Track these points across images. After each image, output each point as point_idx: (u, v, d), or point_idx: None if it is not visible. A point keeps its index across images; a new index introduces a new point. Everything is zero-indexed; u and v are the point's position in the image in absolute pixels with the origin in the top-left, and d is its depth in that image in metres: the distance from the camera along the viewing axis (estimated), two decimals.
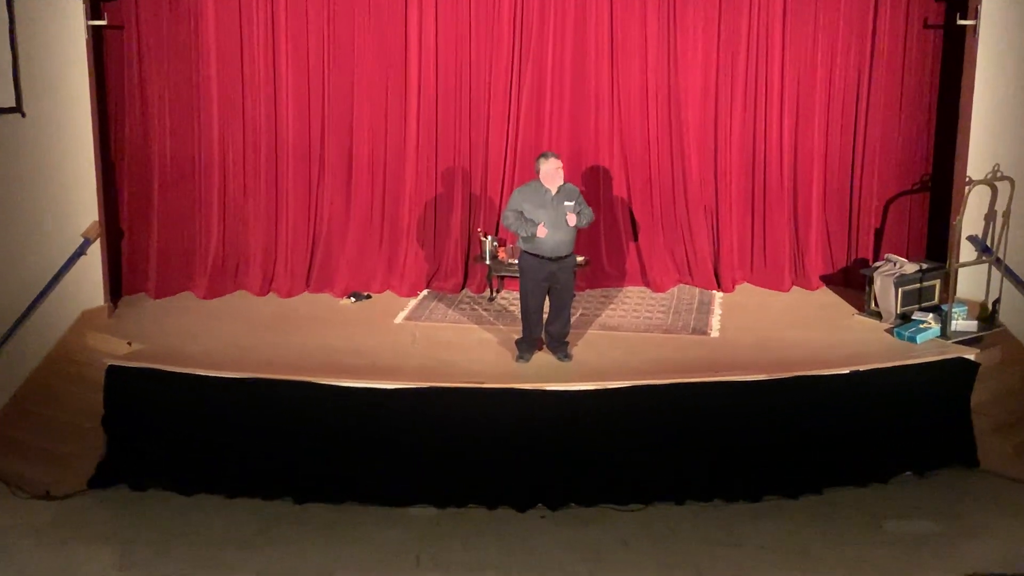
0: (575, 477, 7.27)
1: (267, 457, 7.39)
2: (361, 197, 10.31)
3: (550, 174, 8.19)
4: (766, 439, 7.38)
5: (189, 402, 7.51)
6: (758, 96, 10.12)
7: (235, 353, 8.62)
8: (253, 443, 7.40)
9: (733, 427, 7.36)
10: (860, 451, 7.48)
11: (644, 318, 9.52)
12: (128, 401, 7.59)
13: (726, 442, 7.35)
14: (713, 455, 7.34)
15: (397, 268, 10.36)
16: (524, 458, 7.28)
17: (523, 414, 7.36)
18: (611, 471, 7.29)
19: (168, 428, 7.50)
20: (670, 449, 7.34)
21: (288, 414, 7.40)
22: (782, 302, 9.93)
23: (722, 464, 7.34)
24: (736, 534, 6.88)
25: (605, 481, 7.26)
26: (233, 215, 10.26)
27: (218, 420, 7.46)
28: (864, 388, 7.56)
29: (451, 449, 7.31)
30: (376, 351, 8.72)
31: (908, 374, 7.73)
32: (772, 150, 10.16)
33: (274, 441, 7.40)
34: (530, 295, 8.34)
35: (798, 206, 10.26)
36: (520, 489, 7.23)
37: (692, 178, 10.25)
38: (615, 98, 10.19)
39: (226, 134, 10.13)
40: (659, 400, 7.38)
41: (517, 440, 7.31)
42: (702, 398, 7.39)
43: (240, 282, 10.31)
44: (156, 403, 7.56)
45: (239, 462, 7.40)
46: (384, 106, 10.19)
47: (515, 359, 8.53)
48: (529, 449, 7.30)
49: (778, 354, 8.47)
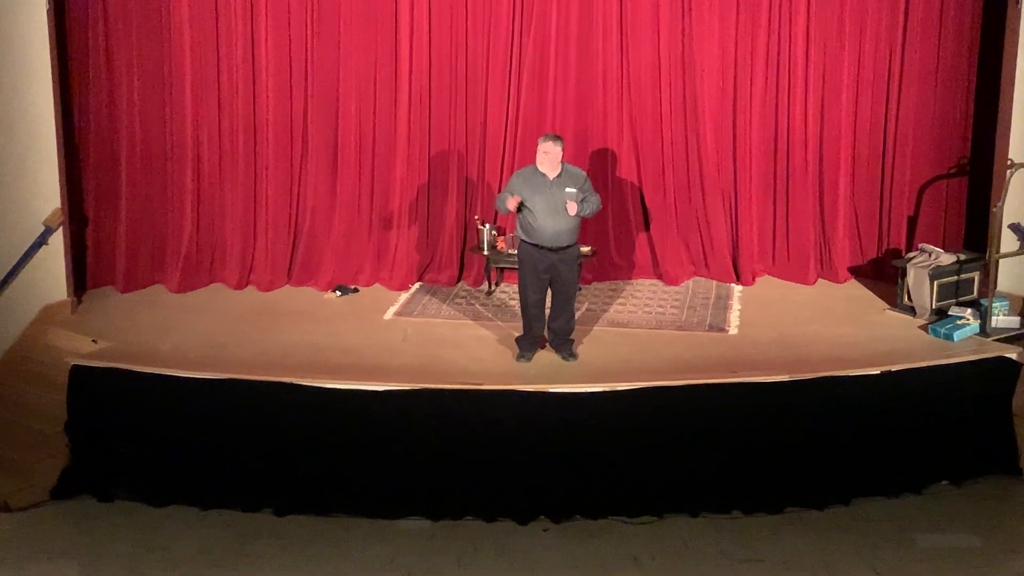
0: (581, 487, 7.28)
1: (245, 466, 7.39)
2: (348, 182, 10.30)
3: (540, 158, 8.20)
4: (789, 445, 7.38)
5: (160, 405, 7.51)
6: (780, 72, 10.10)
7: (210, 352, 8.61)
8: (230, 450, 7.40)
9: (753, 432, 7.36)
10: (891, 458, 7.47)
11: (656, 313, 9.51)
12: (93, 404, 7.59)
13: (745, 449, 7.35)
14: (731, 463, 7.34)
15: (387, 259, 10.35)
16: (525, 466, 7.28)
17: (524, 418, 7.36)
18: (620, 480, 7.29)
19: (137, 433, 7.50)
20: (684, 456, 7.33)
21: (268, 418, 7.40)
22: (806, 296, 9.93)
23: (741, 472, 7.34)
24: (756, 549, 6.88)
25: (613, 491, 7.27)
26: (208, 202, 10.26)
27: (192, 425, 7.45)
28: (896, 390, 7.56)
29: (446, 456, 7.31)
30: (364, 349, 8.71)
31: (944, 375, 7.72)
32: (796, 131, 10.15)
33: (252, 448, 7.39)
34: (529, 288, 8.34)
35: (824, 192, 10.25)
36: (521, 500, 7.23)
37: (708, 161, 10.23)
38: (624, 74, 10.17)
39: (200, 113, 10.11)
40: (672, 403, 7.39)
41: (518, 446, 7.31)
42: (719, 400, 7.39)
43: (216, 274, 10.31)
44: (124, 406, 7.55)
45: (215, 471, 7.39)
46: (373, 83, 10.17)
47: (515, 358, 8.53)
48: (531, 456, 7.30)
49: (802, 353, 8.47)
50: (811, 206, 10.24)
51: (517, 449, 7.31)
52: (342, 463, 7.35)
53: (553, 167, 8.21)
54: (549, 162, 8.20)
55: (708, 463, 7.34)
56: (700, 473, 7.32)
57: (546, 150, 8.19)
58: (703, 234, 10.38)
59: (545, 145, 8.20)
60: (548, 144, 8.21)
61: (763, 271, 10.40)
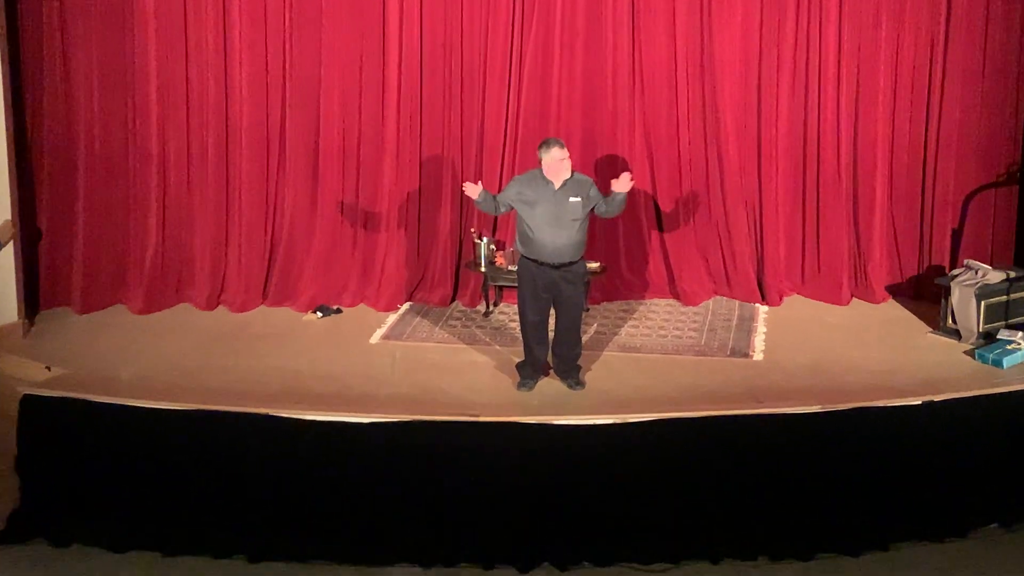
0: (588, 530, 7.26)
1: (215, 507, 7.37)
2: (330, 191, 10.33)
3: (553, 166, 8.22)
4: (820, 484, 7.36)
5: (121, 439, 7.49)
6: (810, 69, 10.15)
7: (177, 380, 8.63)
8: (198, 490, 7.38)
9: (780, 469, 7.34)
10: (934, 499, 7.45)
11: (672, 337, 9.53)
12: (47, 438, 7.56)
13: (772, 488, 7.33)
14: (756, 503, 7.32)
15: (373, 277, 10.37)
16: (527, 507, 7.27)
17: (525, 453, 7.34)
18: (632, 523, 7.27)
19: (95, 471, 7.48)
20: (704, 496, 7.32)
21: (240, 454, 7.38)
22: (839, 318, 9.95)
23: (767, 514, 7.32)
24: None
25: (625, 535, 7.24)
26: (175, 214, 10.28)
27: (156, 461, 7.43)
28: (939, 422, 7.54)
29: (438, 496, 7.29)
30: (348, 377, 8.72)
31: (992, 405, 7.69)
32: (827, 134, 10.18)
33: (223, 487, 7.38)
34: (530, 309, 8.37)
35: (858, 202, 10.28)
36: (522, 545, 7.21)
37: (730, 168, 10.27)
38: (636, 71, 10.22)
39: (167, 116, 10.15)
40: (690, 437, 7.36)
41: (518, 485, 7.30)
42: (743, 434, 7.37)
43: (183, 294, 10.33)
44: (81, 440, 7.53)
45: (181, 513, 7.38)
46: (358, 82, 10.22)
47: (516, 387, 8.56)
48: (533, 496, 7.28)
49: (835, 381, 8.49)
50: (844, 218, 10.26)
51: (518, 488, 7.29)
52: (323, 504, 7.33)
53: (562, 176, 8.24)
54: (564, 170, 8.23)
55: (730, 504, 7.31)
56: (721, 515, 7.30)
57: (563, 158, 8.21)
58: (724, 249, 10.39)
59: (560, 152, 8.19)
60: (563, 152, 8.21)
61: (791, 290, 10.42)
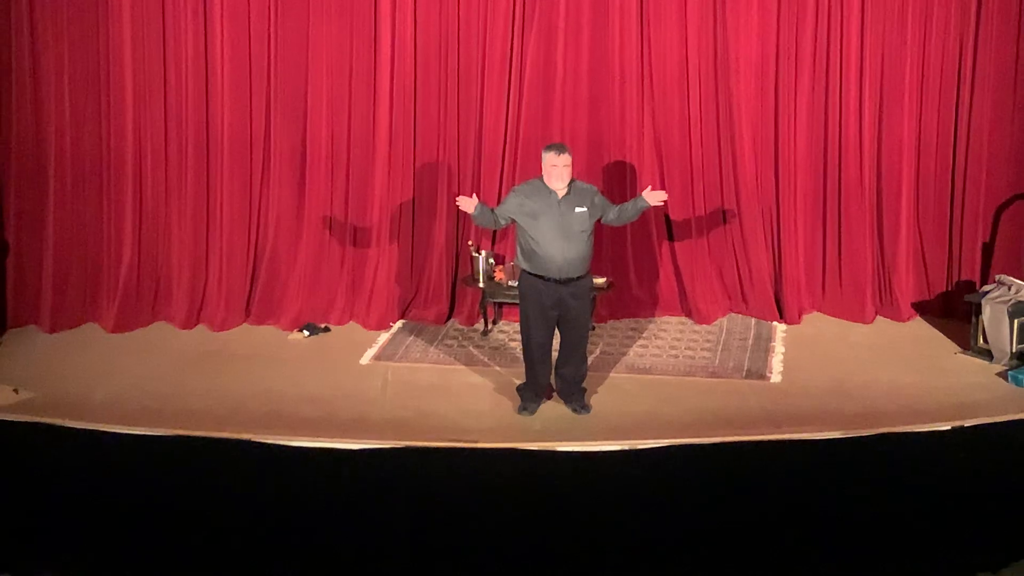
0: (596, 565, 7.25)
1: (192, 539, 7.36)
2: (317, 201, 10.35)
3: (549, 171, 8.24)
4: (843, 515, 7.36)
5: (92, 467, 7.50)
6: (831, 69, 10.18)
7: (152, 403, 8.64)
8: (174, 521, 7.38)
9: (799, 499, 7.34)
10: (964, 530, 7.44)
11: (684, 357, 9.53)
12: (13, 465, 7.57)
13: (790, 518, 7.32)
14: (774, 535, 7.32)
15: (363, 293, 10.38)
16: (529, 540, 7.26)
17: (527, 482, 7.36)
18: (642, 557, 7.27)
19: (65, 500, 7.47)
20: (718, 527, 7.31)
21: (221, 482, 7.39)
22: (863, 337, 9.96)
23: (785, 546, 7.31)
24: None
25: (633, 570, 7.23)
26: (151, 225, 10.31)
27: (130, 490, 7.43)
28: (970, 449, 7.56)
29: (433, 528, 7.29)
30: (336, 400, 8.73)
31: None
32: (849, 140, 10.20)
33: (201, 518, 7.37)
34: (533, 327, 8.36)
35: (883, 212, 10.29)
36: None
37: (746, 176, 10.28)
38: (646, 71, 10.25)
39: (143, 121, 10.19)
40: (704, 464, 7.40)
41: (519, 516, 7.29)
42: (759, 461, 7.41)
43: (160, 311, 10.36)
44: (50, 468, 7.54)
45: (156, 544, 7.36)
46: (347, 83, 10.25)
47: (517, 411, 8.56)
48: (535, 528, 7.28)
49: (858, 404, 8.50)
50: (868, 230, 10.27)
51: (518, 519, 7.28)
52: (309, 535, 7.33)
53: (562, 182, 8.25)
54: (565, 176, 8.24)
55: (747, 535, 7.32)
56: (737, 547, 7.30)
57: (565, 163, 8.23)
58: (740, 262, 10.41)
59: (561, 157, 8.23)
60: (564, 156, 8.25)
61: (811, 307, 10.45)
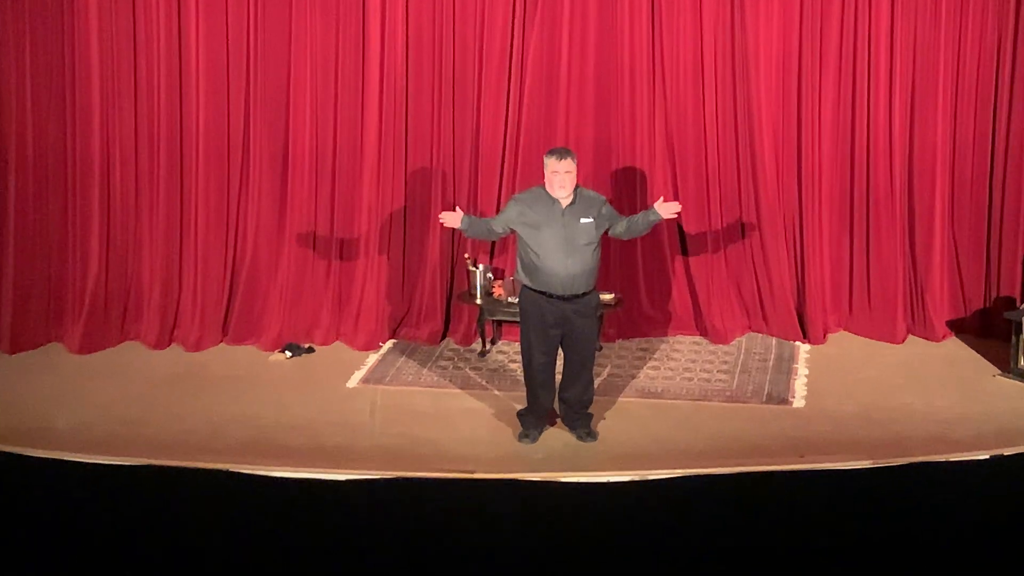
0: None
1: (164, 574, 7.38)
2: (300, 210, 10.37)
3: (551, 178, 8.27)
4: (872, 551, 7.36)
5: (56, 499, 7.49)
6: (858, 67, 10.22)
7: (121, 430, 8.65)
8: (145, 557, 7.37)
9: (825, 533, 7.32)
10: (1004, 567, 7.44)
11: (699, 380, 9.55)
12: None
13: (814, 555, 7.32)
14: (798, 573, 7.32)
15: (350, 310, 10.40)
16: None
17: (528, 516, 7.34)
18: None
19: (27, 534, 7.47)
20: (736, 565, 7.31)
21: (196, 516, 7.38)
22: (894, 358, 9.98)
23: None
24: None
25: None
26: (120, 236, 10.33)
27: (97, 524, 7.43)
28: (1010, 479, 7.55)
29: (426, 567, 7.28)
30: (320, 427, 8.75)
31: None
32: (878, 143, 10.23)
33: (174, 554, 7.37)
34: (535, 348, 8.37)
35: (915, 222, 10.31)
36: None
37: (766, 183, 10.31)
38: (658, 69, 10.29)
39: (112, 123, 10.23)
40: (720, 497, 7.39)
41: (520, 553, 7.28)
42: (782, 494, 7.40)
43: (129, 330, 10.39)
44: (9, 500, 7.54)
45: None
46: (333, 81, 10.29)
47: (517, 438, 8.56)
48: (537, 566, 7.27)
49: (888, 431, 8.52)
50: (899, 241, 10.28)
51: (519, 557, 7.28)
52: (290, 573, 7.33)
53: (565, 190, 8.26)
54: (568, 184, 8.25)
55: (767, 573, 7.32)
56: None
57: (567, 168, 8.25)
58: (760, 277, 10.43)
59: (563, 163, 8.24)
60: (567, 161, 8.26)
61: (837, 325, 10.48)
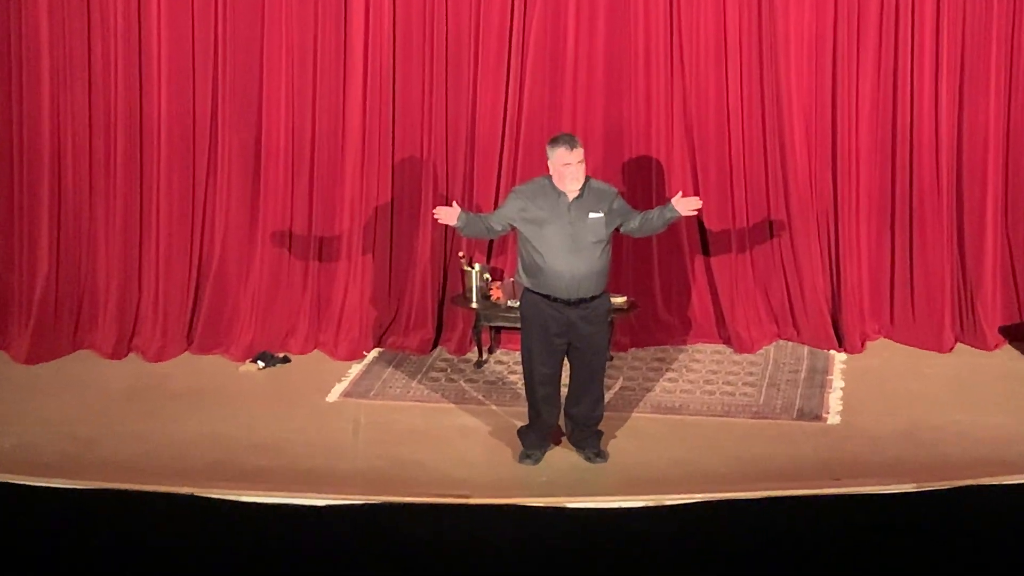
0: None
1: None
2: (274, 206, 10.39)
3: (561, 170, 8.23)
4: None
5: None
6: (900, 49, 10.21)
7: (73, 450, 8.65)
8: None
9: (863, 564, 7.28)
10: None
11: (722, 394, 9.54)
12: None
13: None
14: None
15: (331, 315, 10.43)
16: None
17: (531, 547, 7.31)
18: None
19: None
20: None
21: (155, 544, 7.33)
22: (939, 369, 9.98)
23: None
24: None
25: None
26: (73, 234, 10.35)
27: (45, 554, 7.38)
28: None
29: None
30: (296, 447, 8.75)
31: None
32: (923, 133, 10.23)
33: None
34: (537, 358, 8.35)
35: (964, 220, 10.31)
36: None
37: (797, 176, 10.30)
38: (675, 49, 10.28)
39: (63, 111, 10.25)
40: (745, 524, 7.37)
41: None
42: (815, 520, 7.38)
43: (83, 338, 10.40)
44: None
45: None
46: (312, 64, 10.29)
47: (518, 459, 8.54)
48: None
49: (934, 452, 8.51)
50: (946, 240, 10.29)
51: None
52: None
53: (575, 182, 8.24)
54: (581, 176, 8.23)
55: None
56: None
57: (580, 158, 8.23)
58: (790, 280, 10.43)
59: (571, 154, 8.21)
60: (579, 150, 8.23)
61: (877, 333, 10.48)
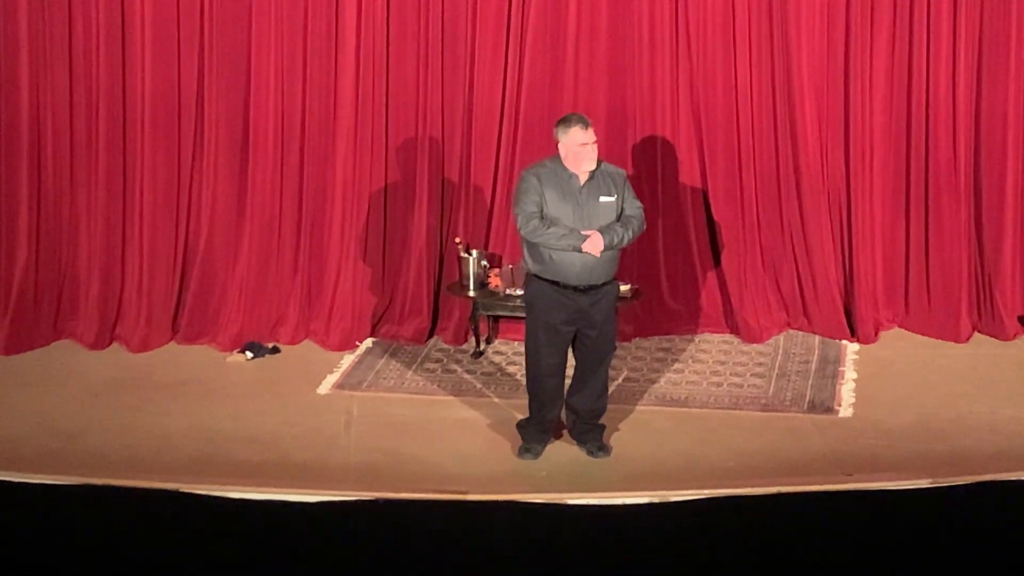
0: None
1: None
2: (263, 190, 10.40)
3: (578, 151, 8.22)
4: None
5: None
6: (915, 27, 10.21)
7: (53, 443, 8.66)
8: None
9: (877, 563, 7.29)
10: None
11: (730, 386, 9.57)
12: None
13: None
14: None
15: (322, 304, 10.44)
16: None
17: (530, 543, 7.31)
18: None
19: None
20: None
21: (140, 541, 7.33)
22: (956, 360, 10.00)
23: None
24: None
25: None
26: (53, 218, 10.36)
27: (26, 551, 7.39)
28: None
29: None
30: (286, 440, 8.76)
31: None
32: (939, 115, 10.24)
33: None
34: (544, 348, 8.37)
35: (982, 205, 10.34)
36: None
37: (808, 159, 10.32)
38: (681, 28, 10.28)
39: (44, 91, 10.24)
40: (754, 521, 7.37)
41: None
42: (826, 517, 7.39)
43: (63, 327, 10.41)
44: None
45: None
46: (302, 40, 10.30)
47: (517, 453, 8.56)
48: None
49: (951, 446, 8.52)
50: (963, 225, 10.30)
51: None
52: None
53: (588, 164, 8.26)
54: (590, 156, 8.24)
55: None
56: None
57: (585, 140, 8.21)
58: (801, 267, 10.45)
59: (589, 131, 8.22)
60: (589, 132, 8.22)
61: (891, 322, 10.50)
